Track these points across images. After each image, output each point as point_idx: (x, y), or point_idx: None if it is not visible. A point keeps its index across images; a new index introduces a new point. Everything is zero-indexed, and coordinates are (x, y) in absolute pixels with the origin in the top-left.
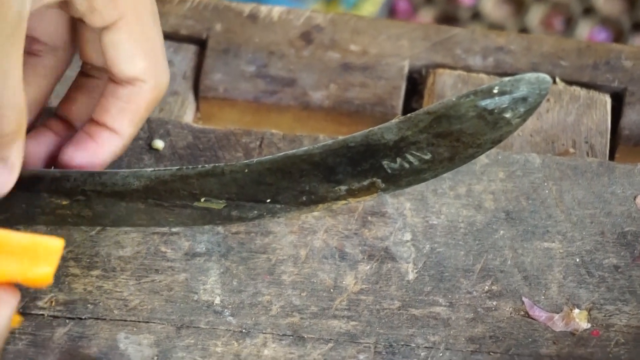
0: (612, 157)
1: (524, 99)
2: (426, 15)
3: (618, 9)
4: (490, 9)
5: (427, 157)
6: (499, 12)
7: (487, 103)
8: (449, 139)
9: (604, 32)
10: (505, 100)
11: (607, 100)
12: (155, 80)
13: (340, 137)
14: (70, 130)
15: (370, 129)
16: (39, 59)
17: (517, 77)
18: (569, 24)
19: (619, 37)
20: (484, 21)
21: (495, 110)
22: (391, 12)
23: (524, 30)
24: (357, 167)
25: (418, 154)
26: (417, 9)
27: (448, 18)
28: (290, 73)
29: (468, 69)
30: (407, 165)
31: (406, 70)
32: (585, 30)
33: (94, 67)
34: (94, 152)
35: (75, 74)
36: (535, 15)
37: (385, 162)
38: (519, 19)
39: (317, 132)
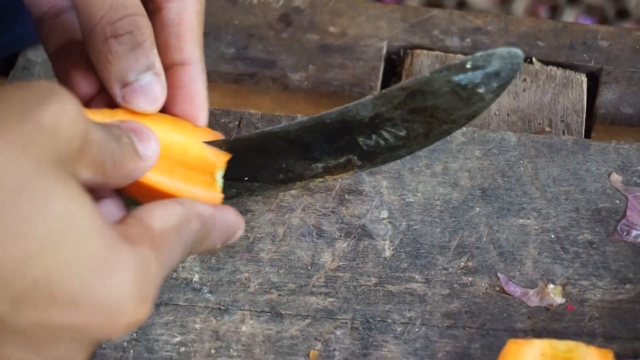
0: (588, 136)
1: (496, 74)
2: (412, 4)
3: None
4: None
5: (402, 133)
6: (484, 0)
7: (460, 78)
8: (424, 114)
9: (589, 20)
10: (478, 75)
11: (583, 79)
12: None
13: (316, 114)
14: None
15: (346, 105)
16: None
17: (489, 52)
18: (555, 12)
19: (603, 25)
20: (470, 9)
21: (469, 86)
22: (377, 1)
23: None
24: (333, 144)
25: (393, 130)
26: None
27: (433, 6)
28: (269, 55)
29: (446, 49)
30: (382, 142)
31: (384, 51)
32: (570, 18)
33: None
34: (193, 96)
35: None
36: (520, 4)
37: (360, 139)
38: (505, 7)
39: (296, 113)
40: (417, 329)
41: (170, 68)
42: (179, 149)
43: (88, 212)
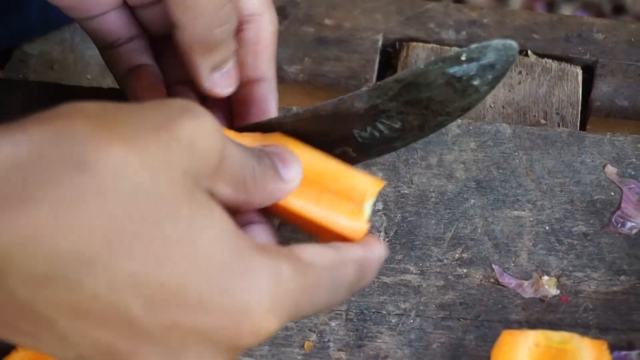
0: (583, 128)
1: (491, 66)
2: None
3: None
4: None
5: (397, 125)
6: None
7: (455, 70)
8: (419, 107)
9: (585, 15)
10: (473, 67)
11: (579, 72)
12: (269, 10)
13: (311, 106)
14: None
15: (341, 97)
16: None
17: (484, 44)
18: (551, 8)
19: None
20: (467, 4)
21: (464, 78)
22: None
23: None
24: (328, 136)
25: (388, 122)
26: None
27: (430, 0)
28: None
29: (441, 42)
30: (377, 134)
31: (380, 43)
32: (567, 13)
33: None
34: (266, 112)
35: None
36: (518, 0)
37: (355, 131)
38: (502, 2)
39: (291, 105)
40: (411, 320)
41: (246, 84)
42: (330, 176)
43: (219, 218)
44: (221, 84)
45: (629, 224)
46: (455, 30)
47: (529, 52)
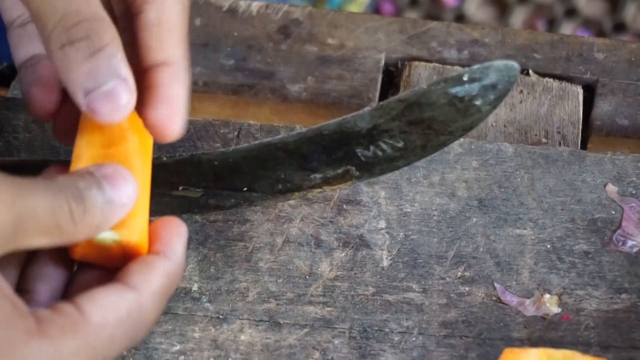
0: (584, 147)
1: (493, 86)
2: (410, 17)
3: (600, 10)
4: (474, 11)
5: (400, 144)
6: (482, 14)
7: (457, 90)
8: (421, 126)
9: (586, 33)
10: (475, 87)
11: (579, 91)
12: None
13: (315, 126)
14: None
15: (344, 117)
16: None
17: (486, 64)
18: (552, 26)
19: (600, 37)
20: (468, 23)
21: (466, 98)
22: (376, 13)
23: None
24: (331, 155)
25: (391, 141)
26: (402, 10)
27: (432, 20)
28: (268, 66)
29: (443, 61)
30: (380, 153)
31: (382, 63)
32: (567, 31)
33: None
34: (169, 97)
35: None
36: (518, 17)
37: (358, 150)
38: (503, 20)
39: (294, 124)
40: (414, 338)
41: (150, 69)
42: None
43: None
44: (101, 110)
45: (629, 243)
46: (457, 50)
47: (530, 71)
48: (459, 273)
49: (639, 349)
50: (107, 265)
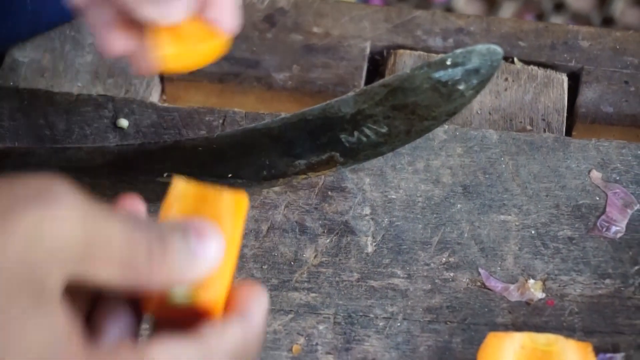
0: (569, 134)
1: (476, 71)
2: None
3: (588, 5)
4: (463, 6)
5: (384, 130)
6: (471, 8)
7: (440, 75)
8: (405, 111)
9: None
10: (458, 72)
11: (564, 79)
12: None
13: (299, 111)
14: None
15: (328, 102)
16: None
17: (469, 49)
18: (541, 20)
19: None
20: (454, 14)
21: (449, 82)
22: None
23: None
24: (315, 141)
25: (375, 127)
26: (391, 3)
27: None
28: (254, 55)
29: (428, 50)
30: (364, 139)
31: (368, 51)
32: None
33: None
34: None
35: None
36: (507, 11)
37: (343, 136)
38: (491, 14)
39: (280, 112)
40: (399, 324)
41: None
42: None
43: (48, 319)
44: (159, 11)
45: (613, 228)
46: (442, 38)
47: (515, 59)
48: (444, 259)
49: (622, 334)
50: (179, 324)
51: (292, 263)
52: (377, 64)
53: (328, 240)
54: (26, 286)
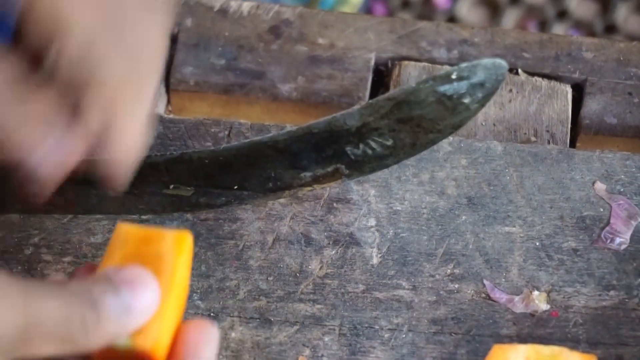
0: (573, 145)
1: (481, 84)
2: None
3: (591, 12)
4: (466, 13)
5: (389, 142)
6: (474, 16)
7: (445, 88)
8: (410, 124)
9: (577, 35)
10: (463, 85)
11: (568, 90)
12: None
13: (304, 124)
14: None
15: (333, 115)
16: None
17: (474, 62)
18: (543, 27)
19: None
20: (458, 25)
21: (454, 96)
22: (367, 13)
23: None
24: (321, 153)
25: (380, 139)
26: (394, 12)
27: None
28: (259, 66)
29: (433, 61)
30: (369, 151)
31: (372, 62)
32: (558, 33)
33: None
34: None
35: None
36: (510, 19)
37: (348, 148)
38: (494, 22)
39: (285, 123)
40: (404, 335)
41: None
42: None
43: None
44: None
45: (617, 240)
46: (447, 49)
47: (519, 70)
48: (449, 270)
49: (626, 346)
50: None
51: (298, 274)
52: (381, 75)
53: (333, 252)
54: None
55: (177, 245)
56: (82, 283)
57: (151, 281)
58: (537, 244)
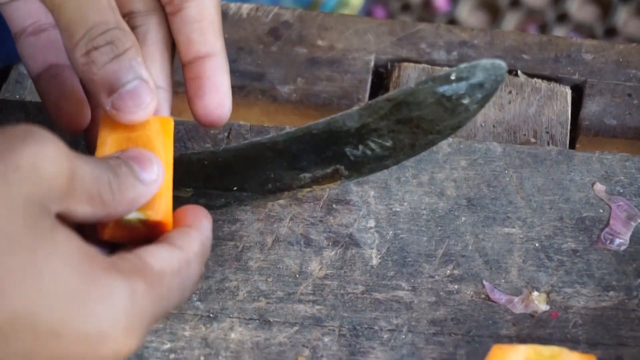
0: (572, 147)
1: (480, 85)
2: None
3: (591, 15)
4: (466, 16)
5: (388, 143)
6: (474, 19)
7: (444, 89)
8: (409, 125)
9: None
10: (462, 86)
11: (568, 92)
12: None
13: (304, 125)
14: None
15: (332, 116)
16: (142, 28)
17: (473, 63)
18: (544, 31)
19: None
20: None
21: (453, 97)
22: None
23: None
24: (320, 154)
25: (379, 140)
26: (394, 15)
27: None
28: (258, 68)
29: (432, 63)
30: (369, 152)
31: (372, 64)
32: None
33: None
34: (217, 86)
35: None
36: (510, 22)
37: (347, 149)
38: (494, 25)
39: (284, 125)
40: (403, 336)
41: (195, 61)
42: None
43: (64, 243)
44: (124, 108)
45: (617, 241)
46: (446, 51)
47: (519, 72)
48: (448, 271)
49: (626, 346)
50: (134, 246)
51: (297, 275)
52: (381, 77)
53: (333, 253)
54: (33, 217)
55: (162, 128)
56: (99, 158)
57: (154, 157)
58: (537, 244)
